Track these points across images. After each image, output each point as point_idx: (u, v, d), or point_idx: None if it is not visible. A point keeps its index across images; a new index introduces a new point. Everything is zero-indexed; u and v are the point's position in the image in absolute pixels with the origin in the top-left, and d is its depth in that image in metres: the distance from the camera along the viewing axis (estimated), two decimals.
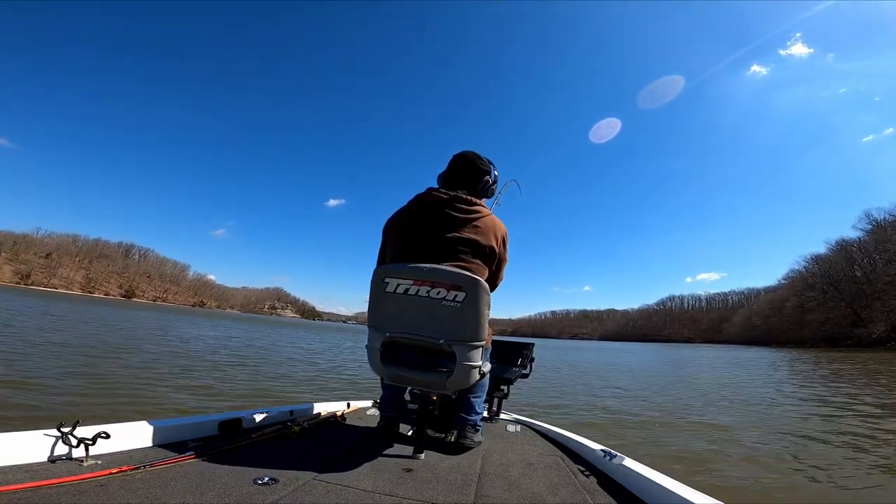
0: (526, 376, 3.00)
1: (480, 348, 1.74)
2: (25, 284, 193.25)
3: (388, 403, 2.22)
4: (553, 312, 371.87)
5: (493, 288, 2.07)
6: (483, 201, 2.10)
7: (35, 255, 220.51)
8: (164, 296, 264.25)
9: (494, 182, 2.19)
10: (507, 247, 2.07)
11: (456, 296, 1.66)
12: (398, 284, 1.72)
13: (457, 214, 1.90)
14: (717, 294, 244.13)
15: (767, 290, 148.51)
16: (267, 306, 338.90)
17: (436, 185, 2.11)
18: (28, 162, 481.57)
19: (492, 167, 2.17)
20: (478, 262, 1.90)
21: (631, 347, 67.50)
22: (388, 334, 1.75)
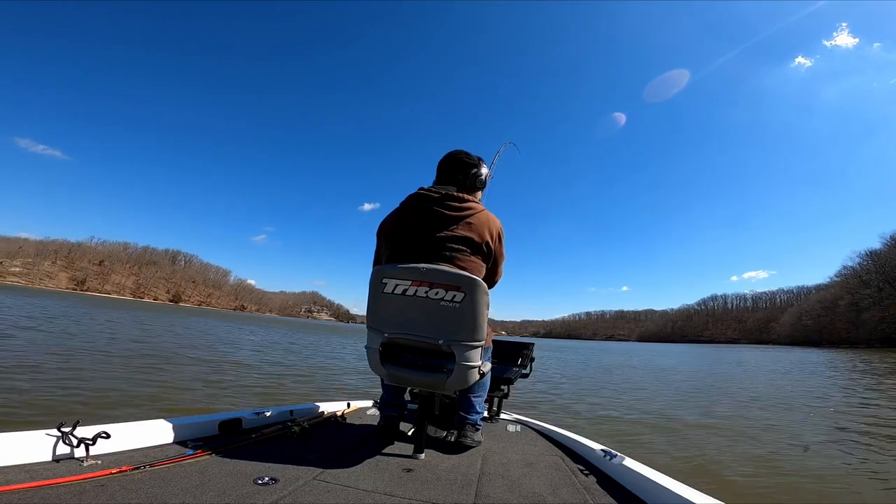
0: (526, 376, 2.97)
1: (480, 348, 1.72)
2: (81, 290, 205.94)
3: (388, 403, 2.21)
4: (588, 313, 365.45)
5: (491, 285, 2.05)
6: (476, 196, 2.07)
7: (89, 262, 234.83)
8: (208, 300, 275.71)
9: (485, 176, 2.15)
10: (504, 242, 2.03)
11: (454, 296, 1.64)
12: (396, 285, 1.70)
13: (449, 212, 1.87)
14: (764, 293, 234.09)
15: (818, 287, 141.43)
16: (303, 310, 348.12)
17: (426, 185, 2.05)
18: (81, 173, 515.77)
19: (480, 162, 2.14)
20: (474, 259, 1.87)
21: (673, 349, 62.20)
22: (386, 335, 1.73)
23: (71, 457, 1.35)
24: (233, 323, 37.73)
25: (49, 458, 1.31)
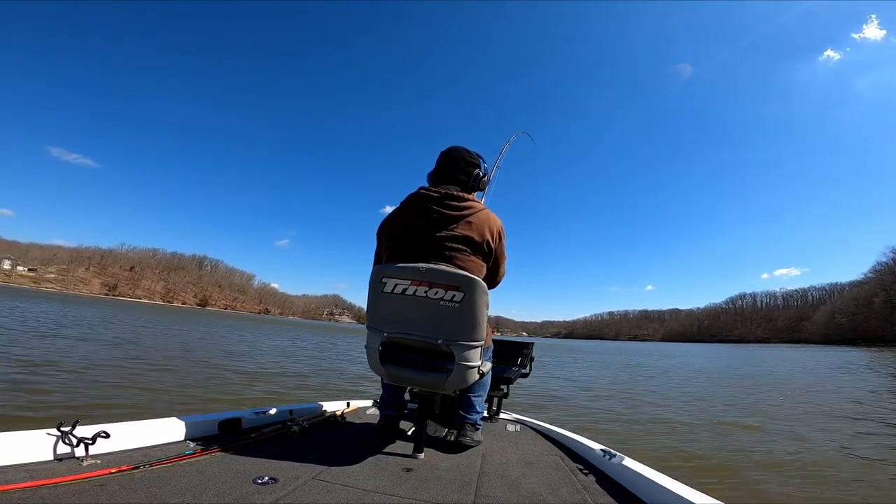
0: (526, 376, 2.99)
1: (479, 348, 1.72)
2: (113, 295, 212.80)
3: (388, 403, 2.19)
4: (610, 313, 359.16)
5: (494, 285, 2.07)
6: (475, 195, 2.06)
7: (120, 268, 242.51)
8: (234, 304, 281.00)
9: (485, 175, 2.13)
10: (504, 241, 2.02)
11: (454, 296, 1.64)
12: (396, 284, 1.70)
13: (448, 212, 1.86)
14: (795, 290, 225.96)
15: (852, 284, 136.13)
16: (325, 313, 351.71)
17: (426, 184, 2.05)
18: (110, 180, 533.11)
19: (481, 160, 2.12)
20: (474, 259, 1.87)
21: (707, 350, 56.96)
22: (386, 334, 1.73)
23: (70, 456, 1.35)
24: (278, 329, 37.81)
25: (49, 457, 1.31)
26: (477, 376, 1.75)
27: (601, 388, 10.15)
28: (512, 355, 3.03)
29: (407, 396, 2.32)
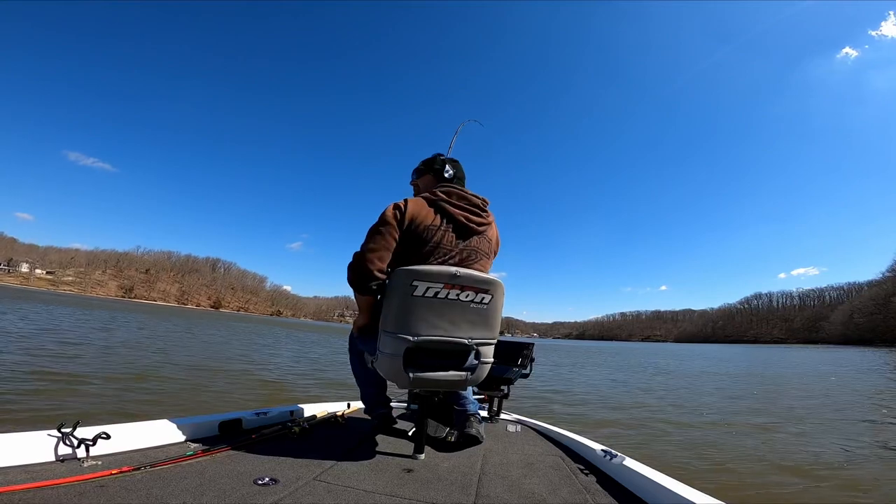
0: (526, 376, 2.99)
1: (493, 345, 1.83)
2: (129, 297, 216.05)
3: (375, 403, 2.22)
4: (622, 314, 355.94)
5: None
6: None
7: (136, 270, 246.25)
8: (246, 306, 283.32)
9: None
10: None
11: (483, 298, 1.71)
12: (428, 288, 1.66)
13: (480, 218, 1.90)
14: (812, 290, 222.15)
15: (870, 284, 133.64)
16: (336, 314, 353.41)
17: (444, 182, 2.00)
18: (127, 183, 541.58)
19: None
20: (488, 264, 1.95)
21: (727, 351, 52.78)
22: (413, 339, 1.69)
23: (72, 457, 1.35)
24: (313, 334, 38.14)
25: (50, 458, 1.32)
26: (488, 370, 1.83)
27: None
28: (512, 355, 3.04)
29: (404, 397, 2.32)
